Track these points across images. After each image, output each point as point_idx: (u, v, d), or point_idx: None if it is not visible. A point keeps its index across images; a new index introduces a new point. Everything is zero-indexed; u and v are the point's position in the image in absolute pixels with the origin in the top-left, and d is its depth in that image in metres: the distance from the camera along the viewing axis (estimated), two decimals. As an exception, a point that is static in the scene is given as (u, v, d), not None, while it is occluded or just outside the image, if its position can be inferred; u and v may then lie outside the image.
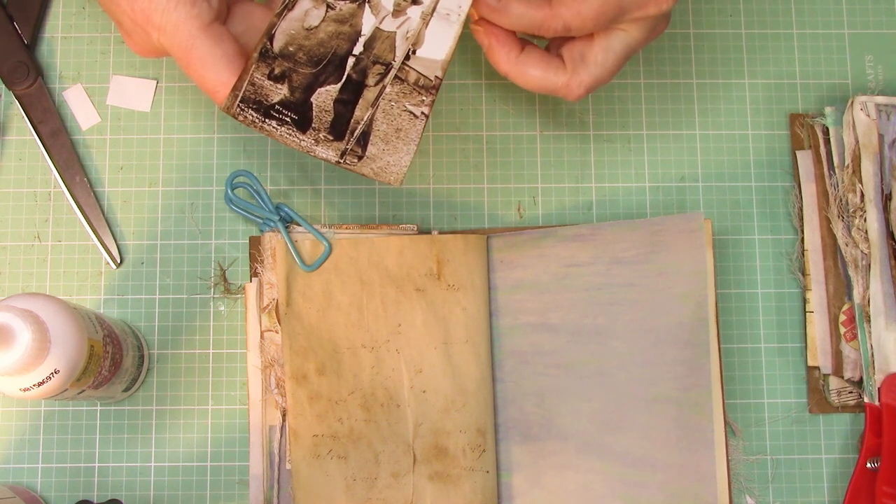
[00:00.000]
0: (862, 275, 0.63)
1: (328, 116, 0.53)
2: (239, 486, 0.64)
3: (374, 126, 0.53)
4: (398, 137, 0.53)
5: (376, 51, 0.53)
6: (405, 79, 0.53)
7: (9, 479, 0.64)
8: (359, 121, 0.53)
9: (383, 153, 0.53)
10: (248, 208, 0.64)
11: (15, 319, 0.51)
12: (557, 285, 0.64)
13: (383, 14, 0.53)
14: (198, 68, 0.52)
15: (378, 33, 0.53)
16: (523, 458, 0.63)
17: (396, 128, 0.54)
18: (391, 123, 0.54)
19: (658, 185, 0.67)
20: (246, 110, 0.53)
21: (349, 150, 0.53)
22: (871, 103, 0.65)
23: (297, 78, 0.53)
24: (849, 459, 0.65)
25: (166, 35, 0.52)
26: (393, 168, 0.54)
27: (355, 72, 0.53)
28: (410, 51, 0.53)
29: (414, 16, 0.53)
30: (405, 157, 0.54)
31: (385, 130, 0.53)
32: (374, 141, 0.53)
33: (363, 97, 0.53)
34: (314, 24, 0.53)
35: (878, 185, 0.64)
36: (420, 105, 0.53)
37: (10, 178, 0.67)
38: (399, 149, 0.53)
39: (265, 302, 0.64)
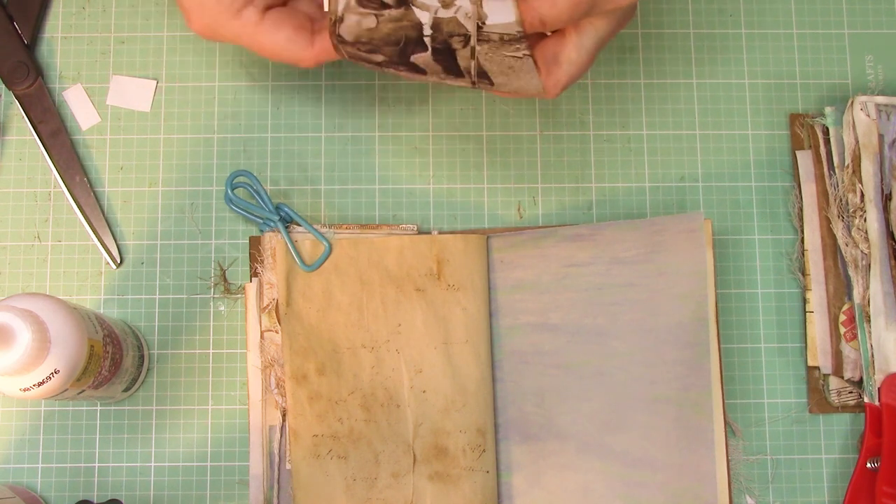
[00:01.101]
0: (862, 275, 0.63)
1: (437, 66, 0.52)
2: (239, 486, 0.64)
3: (485, 68, 0.52)
4: (515, 71, 0.52)
5: (447, 29, 0.51)
6: (489, 39, 0.51)
7: (9, 479, 0.64)
8: (468, 67, 0.52)
9: (510, 81, 0.52)
10: (248, 208, 0.64)
11: (15, 319, 0.51)
12: (557, 285, 0.64)
13: (433, 8, 0.51)
14: (270, 55, 0.55)
15: (438, 20, 0.51)
16: (523, 458, 0.63)
17: (508, 66, 0.52)
18: (501, 65, 0.52)
19: (658, 185, 0.67)
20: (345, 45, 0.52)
21: (476, 82, 0.52)
22: (871, 103, 0.65)
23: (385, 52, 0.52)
24: (849, 459, 0.65)
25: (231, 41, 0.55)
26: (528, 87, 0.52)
27: (437, 44, 0.51)
28: (480, 23, 0.51)
29: (464, 4, 0.51)
30: (533, 79, 0.52)
31: (499, 69, 0.52)
32: (495, 75, 0.52)
33: (459, 56, 0.51)
34: (372, 26, 0.52)
35: (878, 185, 0.64)
36: (518, 51, 0.51)
37: (10, 178, 0.67)
38: (522, 77, 0.52)
39: (265, 302, 0.64)
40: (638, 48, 0.69)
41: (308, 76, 0.68)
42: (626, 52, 0.69)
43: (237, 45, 0.67)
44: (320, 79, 0.68)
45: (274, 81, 0.68)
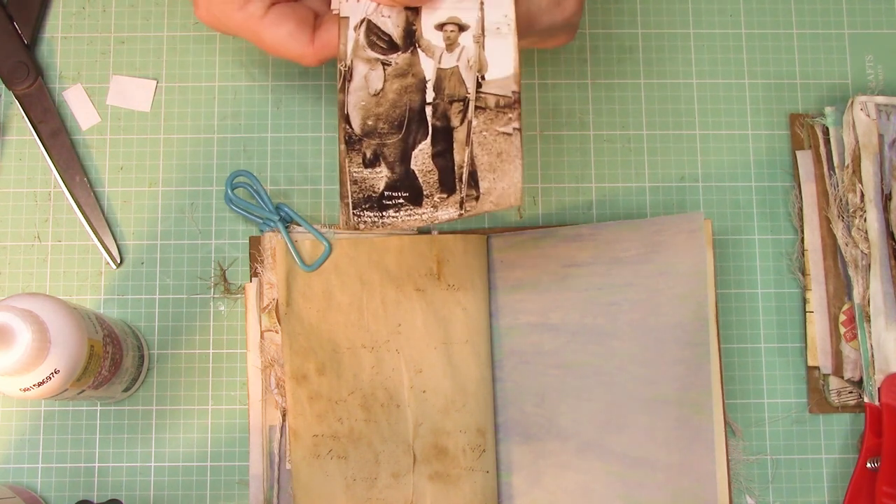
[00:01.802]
0: (862, 275, 0.63)
1: (434, 176, 0.53)
2: (239, 486, 0.64)
3: (476, 162, 0.53)
4: (502, 161, 0.53)
5: (447, 90, 0.53)
6: (486, 106, 0.53)
7: (9, 479, 0.64)
8: (461, 164, 0.53)
9: (495, 182, 0.53)
10: (248, 208, 0.64)
11: (15, 319, 0.51)
12: (557, 285, 0.64)
13: (438, 52, 0.53)
14: (273, 50, 0.55)
15: (442, 73, 0.53)
16: (523, 458, 0.63)
17: (497, 153, 0.53)
18: (491, 151, 0.53)
19: (658, 185, 0.67)
20: (362, 214, 0.53)
21: (464, 197, 0.53)
22: (871, 103, 0.65)
23: (388, 152, 0.53)
24: (849, 459, 0.65)
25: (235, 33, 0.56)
26: (509, 191, 0.52)
27: (437, 119, 0.53)
28: (480, 77, 0.53)
29: (467, 42, 0.53)
30: (515, 174, 0.52)
31: (489, 161, 0.53)
32: (483, 175, 0.53)
33: (455, 140, 0.53)
34: (379, 87, 0.53)
35: (878, 185, 0.64)
36: (509, 123, 0.52)
37: (10, 178, 0.67)
38: (507, 171, 0.52)
39: (265, 302, 0.64)
40: (638, 48, 0.69)
41: (308, 76, 0.68)
42: (626, 52, 0.69)
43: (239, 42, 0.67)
44: (320, 79, 0.68)
45: (274, 81, 0.68)
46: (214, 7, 0.55)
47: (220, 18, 0.55)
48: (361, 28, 0.53)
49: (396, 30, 0.53)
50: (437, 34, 0.53)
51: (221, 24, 0.56)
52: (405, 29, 0.53)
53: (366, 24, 0.53)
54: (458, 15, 0.53)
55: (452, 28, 0.53)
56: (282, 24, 0.55)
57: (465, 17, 0.53)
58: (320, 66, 0.68)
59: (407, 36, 0.53)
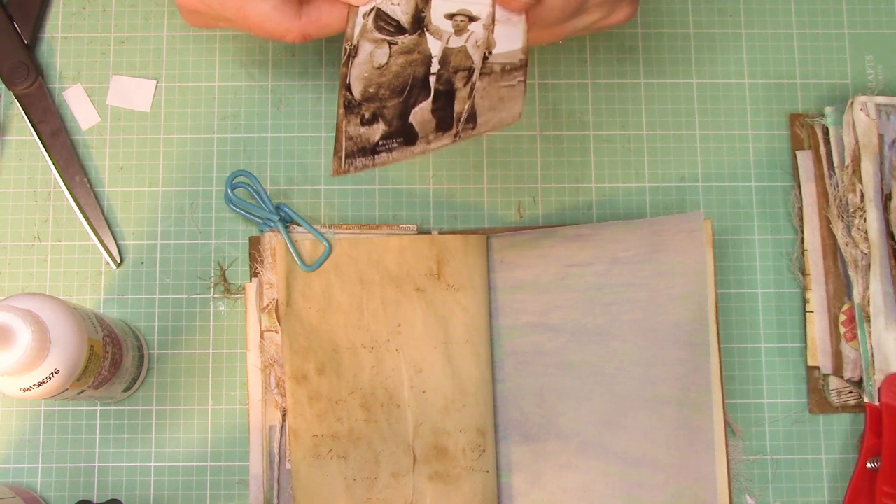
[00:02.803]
0: (862, 275, 0.63)
1: (431, 124, 0.53)
2: (239, 486, 0.64)
3: (476, 107, 0.53)
4: (503, 102, 0.53)
5: (453, 63, 0.53)
6: (491, 71, 0.53)
7: (9, 479, 0.64)
8: (461, 112, 0.53)
9: (493, 115, 0.53)
10: (248, 208, 0.64)
11: (15, 319, 0.51)
12: (557, 285, 0.64)
13: (446, 36, 0.53)
14: (256, 27, 0.54)
15: (448, 51, 0.53)
16: (523, 458, 0.63)
17: (499, 98, 0.53)
18: (493, 98, 0.53)
19: (658, 185, 0.67)
20: (354, 161, 0.53)
21: (461, 129, 0.53)
22: (871, 103, 0.65)
23: (388, 112, 0.53)
24: (849, 459, 0.65)
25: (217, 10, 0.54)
26: (507, 116, 0.53)
27: (441, 84, 0.53)
28: (487, 53, 0.53)
29: (476, 29, 0.53)
30: (515, 105, 0.53)
31: (489, 104, 0.53)
32: (482, 113, 0.53)
33: (457, 98, 0.53)
34: (383, 62, 0.53)
35: (878, 185, 0.64)
36: (513, 79, 0.53)
37: (10, 178, 0.67)
38: (507, 107, 0.53)
39: (265, 302, 0.64)
40: (638, 48, 0.69)
41: (308, 76, 0.68)
42: (626, 52, 0.69)
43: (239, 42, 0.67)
44: (320, 79, 0.68)
45: (274, 81, 0.68)
46: None
47: None
48: (371, 15, 0.53)
49: (405, 16, 0.53)
50: (447, 22, 0.53)
51: (203, 4, 0.54)
52: (414, 15, 0.53)
53: (375, 11, 0.53)
54: (469, 7, 0.53)
55: (462, 18, 0.53)
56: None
57: (476, 9, 0.53)
58: (321, 67, 0.68)
59: (416, 21, 0.53)
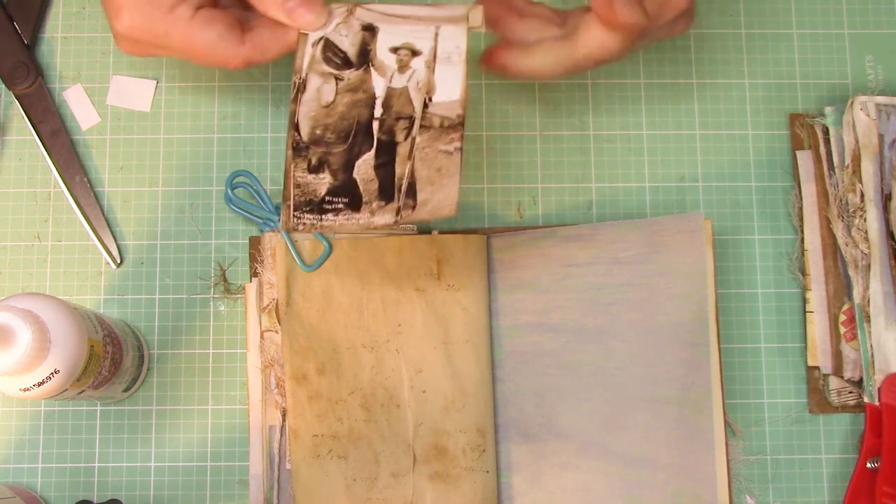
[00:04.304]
0: (862, 275, 0.63)
1: (374, 185, 0.55)
2: (239, 486, 0.64)
3: (416, 175, 0.55)
4: (441, 175, 0.55)
5: (395, 108, 0.55)
6: (430, 125, 0.55)
7: (9, 479, 0.64)
8: (402, 176, 0.55)
9: (432, 194, 0.55)
10: (248, 208, 0.64)
11: (15, 319, 0.51)
12: (557, 285, 0.64)
13: (390, 73, 0.55)
14: (200, 56, 0.56)
15: (391, 91, 0.55)
16: (523, 458, 0.63)
17: (437, 168, 0.55)
18: (431, 166, 0.55)
19: (658, 185, 0.67)
20: (302, 217, 0.54)
21: (402, 206, 0.55)
22: (871, 103, 0.65)
23: (333, 160, 0.55)
24: (849, 459, 0.65)
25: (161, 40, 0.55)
26: (445, 202, 0.55)
27: (383, 133, 0.55)
28: (427, 99, 0.55)
29: (419, 66, 0.55)
30: (452, 189, 0.55)
31: (428, 174, 0.55)
32: (422, 187, 0.55)
33: (398, 154, 0.55)
34: (330, 100, 0.55)
35: (878, 185, 0.64)
36: (451, 143, 0.55)
37: (10, 178, 0.67)
38: (445, 185, 0.55)
39: (265, 302, 0.64)
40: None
41: (308, 76, 0.68)
42: (626, 52, 0.69)
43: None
44: (320, 79, 0.68)
45: (274, 81, 0.68)
46: (140, 13, 0.55)
47: (146, 26, 0.55)
48: (319, 45, 0.55)
49: (352, 48, 0.55)
50: (391, 56, 0.55)
51: (146, 32, 0.55)
52: (360, 48, 0.55)
53: (324, 41, 0.55)
54: (413, 41, 0.55)
55: (406, 52, 0.55)
56: (211, 26, 0.55)
57: (420, 44, 0.55)
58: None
59: (361, 54, 0.55)
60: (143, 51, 0.57)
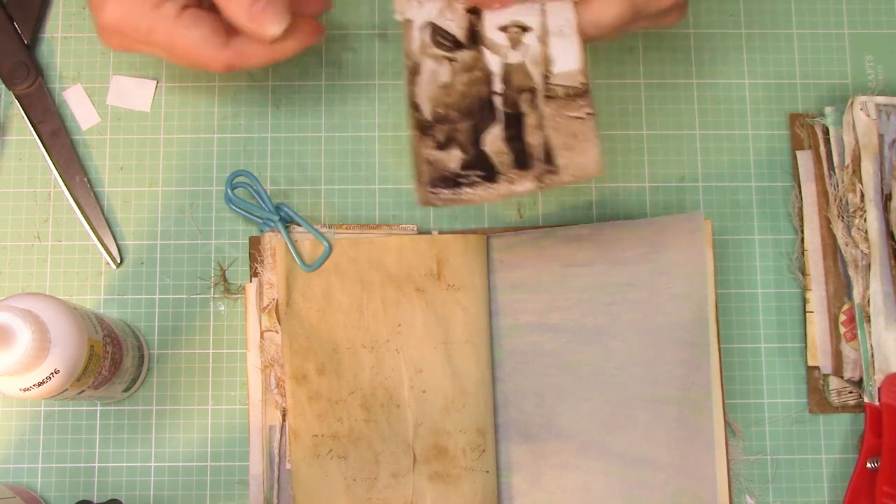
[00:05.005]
0: (862, 275, 0.63)
1: (507, 157, 0.54)
2: (239, 486, 0.64)
3: (551, 143, 0.54)
4: (578, 140, 0.54)
5: (515, 82, 0.54)
6: (555, 95, 0.54)
7: (9, 479, 0.64)
8: (535, 146, 0.54)
9: (572, 158, 0.54)
10: (248, 208, 0.64)
11: (15, 319, 0.51)
12: (557, 285, 0.64)
13: (503, 50, 0.54)
14: (183, 55, 0.55)
15: (509, 68, 0.54)
16: (523, 458, 0.63)
17: (572, 134, 0.54)
18: (566, 133, 0.54)
19: (658, 185, 0.67)
20: (438, 192, 0.53)
21: (541, 172, 0.54)
22: (871, 103, 0.65)
23: (461, 136, 0.54)
24: (849, 459, 0.65)
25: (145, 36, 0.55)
26: (588, 164, 0.54)
27: (507, 107, 0.54)
28: (547, 72, 0.54)
29: (531, 42, 0.54)
30: (593, 150, 0.54)
31: (564, 141, 0.54)
32: (559, 153, 0.54)
33: (527, 125, 0.54)
34: (447, 80, 0.54)
35: (878, 185, 0.64)
36: (581, 109, 0.54)
37: (10, 178, 0.67)
38: (585, 148, 0.54)
39: (265, 302, 0.64)
40: (638, 48, 0.69)
41: (308, 76, 0.68)
42: (626, 52, 0.69)
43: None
44: (320, 79, 0.68)
45: (274, 81, 0.68)
46: (125, 7, 0.54)
47: (131, 21, 0.55)
48: (426, 30, 0.55)
49: (460, 30, 0.55)
50: (501, 34, 0.54)
51: (130, 27, 0.55)
52: (468, 30, 0.55)
53: (430, 27, 0.55)
54: (521, 18, 0.55)
55: (516, 29, 0.55)
56: (196, 27, 0.55)
57: (528, 20, 0.54)
58: (321, 67, 0.68)
59: (471, 36, 0.55)
60: (126, 45, 0.57)
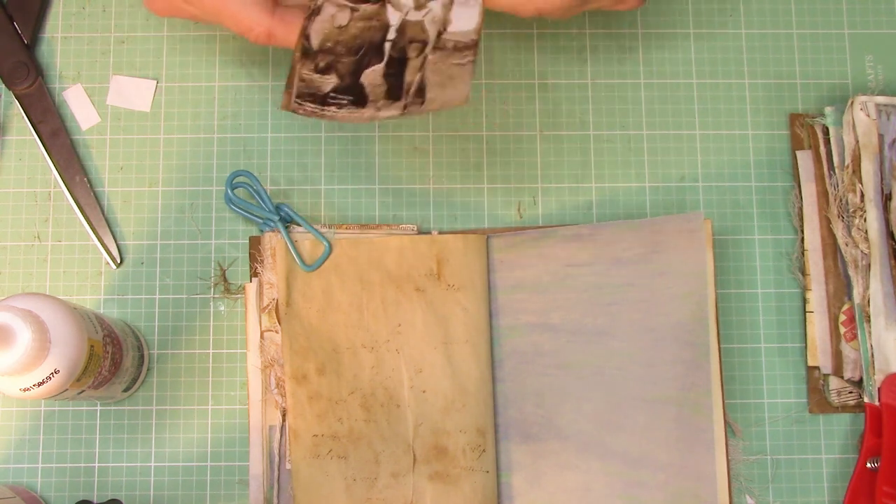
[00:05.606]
0: (862, 275, 0.63)
1: (382, 88, 0.55)
2: (239, 486, 0.64)
3: (426, 81, 0.55)
4: (452, 80, 0.55)
5: (409, 34, 0.55)
6: (444, 47, 0.55)
7: (9, 479, 0.64)
8: (411, 83, 0.55)
9: (442, 93, 0.55)
10: (248, 208, 0.64)
11: (15, 319, 0.51)
12: (557, 285, 0.64)
13: (406, 9, 0.55)
14: (230, 17, 0.54)
15: (406, 23, 0.55)
16: (523, 458, 0.63)
17: (449, 76, 0.55)
18: (442, 75, 0.55)
19: (658, 185, 0.67)
20: (303, 104, 0.54)
21: (409, 102, 0.55)
22: (871, 103, 0.65)
23: (342, 66, 0.55)
24: (849, 459, 0.65)
25: None
26: (455, 96, 0.55)
27: (395, 52, 0.55)
28: (441, 29, 0.55)
29: (435, 6, 0.55)
30: (463, 86, 0.55)
31: (439, 80, 0.55)
32: (431, 89, 0.55)
33: (409, 67, 0.55)
34: (343, 24, 0.55)
35: (878, 184, 0.64)
36: (464, 58, 0.55)
37: (10, 178, 0.67)
38: (456, 86, 0.55)
39: (265, 302, 0.64)
40: (638, 48, 0.69)
41: (308, 76, 0.68)
42: (626, 52, 0.69)
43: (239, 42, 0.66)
44: (320, 79, 0.68)
45: (274, 81, 0.68)
46: None
47: None
48: None
49: None
50: None
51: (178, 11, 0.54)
52: None
53: None
54: None
55: None
56: None
57: None
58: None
59: None
60: (170, 8, 0.56)
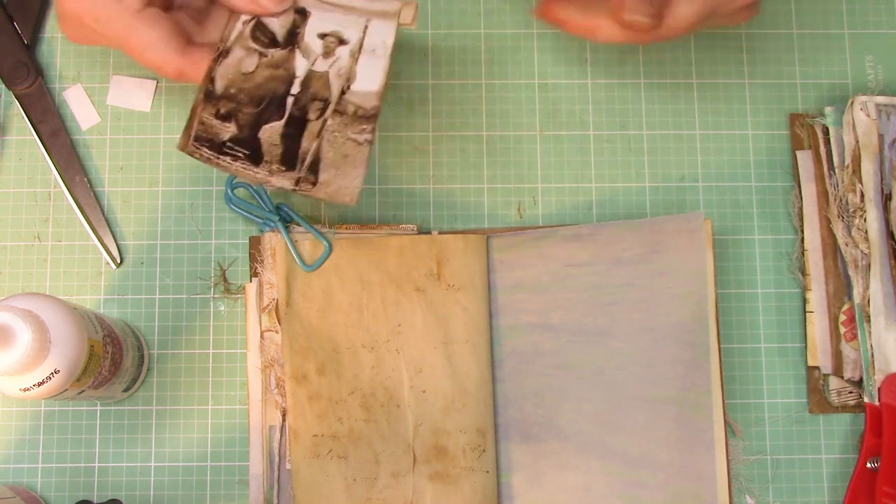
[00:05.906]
0: (862, 275, 0.63)
1: (278, 149, 0.56)
2: (239, 486, 0.64)
3: (322, 154, 0.56)
4: (346, 163, 0.56)
5: (312, 89, 0.56)
6: (344, 111, 0.56)
7: (9, 479, 0.64)
8: (307, 151, 0.56)
9: (335, 178, 0.56)
10: (248, 208, 0.64)
11: (15, 319, 0.51)
12: (557, 285, 0.64)
13: (314, 57, 0.56)
14: (137, 52, 0.55)
15: (312, 74, 0.56)
16: (523, 458, 0.63)
17: (343, 154, 0.56)
18: (338, 151, 0.56)
19: (658, 185, 0.67)
20: (200, 148, 0.55)
21: (302, 178, 0.56)
22: (871, 103, 0.65)
23: (242, 117, 0.56)
24: (849, 459, 0.65)
25: (102, 26, 0.55)
26: (346, 190, 0.56)
27: (296, 109, 0.56)
28: (345, 86, 0.56)
29: (343, 55, 0.56)
30: (356, 179, 0.56)
31: (333, 157, 0.56)
32: (325, 168, 0.56)
33: (307, 130, 0.56)
34: (250, 70, 0.56)
35: (878, 184, 0.64)
36: (362, 133, 0.56)
37: (10, 178, 0.67)
38: (349, 173, 0.56)
39: (265, 302, 0.64)
40: (638, 48, 0.69)
41: (308, 76, 0.68)
42: (626, 52, 0.69)
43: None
44: (320, 79, 0.68)
45: (274, 81, 0.68)
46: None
47: (91, 9, 0.54)
48: (250, 24, 0.56)
49: (282, 30, 0.56)
50: (318, 41, 0.56)
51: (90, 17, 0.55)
52: (290, 29, 0.57)
53: (255, 21, 0.57)
54: (342, 30, 0.57)
55: (333, 39, 0.57)
56: (156, 26, 0.55)
57: (348, 34, 0.57)
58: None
59: (290, 36, 0.57)
60: (85, 36, 0.57)
